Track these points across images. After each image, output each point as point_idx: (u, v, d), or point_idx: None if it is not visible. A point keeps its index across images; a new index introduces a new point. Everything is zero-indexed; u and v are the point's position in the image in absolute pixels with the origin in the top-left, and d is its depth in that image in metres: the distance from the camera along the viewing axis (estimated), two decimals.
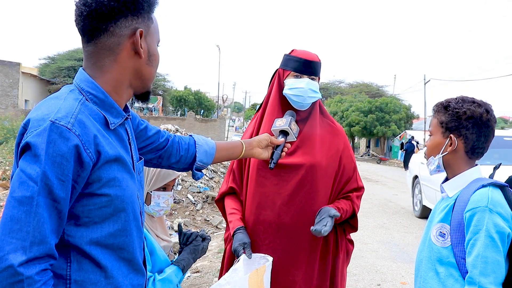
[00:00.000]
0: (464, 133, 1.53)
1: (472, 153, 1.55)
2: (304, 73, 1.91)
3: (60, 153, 0.98)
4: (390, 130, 29.78)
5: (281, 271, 1.87)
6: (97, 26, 1.11)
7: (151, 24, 1.19)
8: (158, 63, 1.25)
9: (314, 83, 1.91)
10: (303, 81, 1.89)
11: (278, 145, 1.71)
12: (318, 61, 1.95)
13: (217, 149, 1.58)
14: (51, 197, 0.98)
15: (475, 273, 1.37)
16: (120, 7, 1.10)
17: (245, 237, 1.87)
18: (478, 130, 1.52)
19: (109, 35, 1.12)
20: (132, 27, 1.14)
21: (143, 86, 1.23)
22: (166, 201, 1.87)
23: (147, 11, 1.17)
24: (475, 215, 1.41)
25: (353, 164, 2.02)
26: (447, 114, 1.56)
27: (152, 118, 31.63)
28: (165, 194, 1.88)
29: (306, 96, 1.88)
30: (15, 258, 0.93)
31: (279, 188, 1.89)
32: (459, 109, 1.53)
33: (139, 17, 1.15)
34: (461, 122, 1.53)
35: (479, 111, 1.52)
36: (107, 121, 1.13)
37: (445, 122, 1.56)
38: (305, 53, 1.94)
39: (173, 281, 1.72)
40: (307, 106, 1.93)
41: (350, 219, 2.00)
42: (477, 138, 1.53)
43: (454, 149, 1.55)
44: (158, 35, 1.24)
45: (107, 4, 1.09)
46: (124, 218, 1.12)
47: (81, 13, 1.11)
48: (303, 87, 1.88)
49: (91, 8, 1.09)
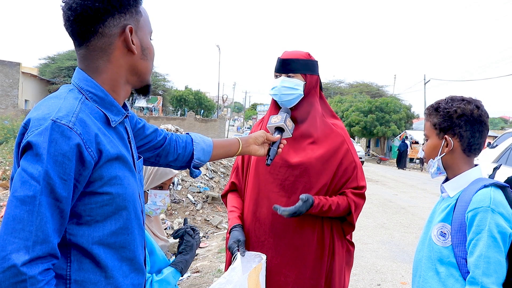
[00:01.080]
0: (458, 132, 1.54)
1: (469, 150, 1.56)
2: (280, 71, 1.93)
3: (62, 152, 0.98)
4: (390, 130, 29.75)
5: (274, 271, 1.87)
6: (85, 29, 1.10)
7: (140, 17, 1.18)
8: (154, 55, 1.24)
9: (291, 80, 1.90)
10: (278, 80, 1.92)
11: (274, 142, 1.72)
12: (299, 58, 1.93)
13: (214, 147, 1.59)
14: (53, 196, 0.98)
15: (478, 273, 1.37)
16: (105, 7, 1.10)
17: (240, 235, 1.88)
18: (471, 126, 1.53)
19: (99, 37, 1.11)
20: (121, 25, 1.13)
21: (141, 81, 1.23)
22: (163, 200, 1.88)
23: (134, 6, 1.16)
24: (477, 215, 1.41)
25: (354, 164, 1.98)
26: (439, 116, 1.57)
27: (152, 118, 31.62)
28: (162, 193, 1.89)
29: (280, 94, 1.90)
30: (18, 258, 0.93)
31: (274, 186, 1.90)
32: (449, 108, 1.54)
33: (126, 14, 1.14)
34: (453, 121, 1.54)
35: (469, 107, 1.52)
36: (108, 119, 1.13)
37: (438, 123, 1.57)
38: (285, 53, 1.96)
39: (171, 282, 1.72)
40: (288, 103, 1.92)
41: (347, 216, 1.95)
42: (472, 134, 1.53)
43: (451, 149, 1.56)
44: (150, 27, 1.23)
45: (91, 6, 1.08)
46: (126, 216, 1.12)
47: (68, 18, 1.10)
48: (277, 85, 1.91)
49: (77, 12, 1.08)
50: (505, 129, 30.74)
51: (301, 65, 1.93)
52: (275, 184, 1.90)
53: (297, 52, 1.96)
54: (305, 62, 1.93)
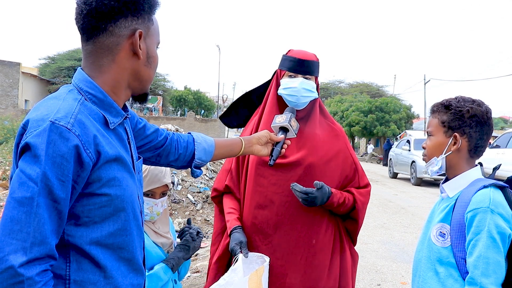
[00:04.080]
0: (468, 132, 1.53)
1: (475, 151, 1.55)
2: (298, 72, 1.90)
3: (60, 153, 0.98)
4: (390, 130, 29.76)
5: (278, 273, 1.84)
6: (96, 25, 1.11)
7: (151, 25, 1.19)
8: (157, 65, 1.25)
9: (309, 82, 1.89)
10: (297, 80, 1.88)
11: (278, 142, 1.70)
12: (314, 60, 1.93)
13: (216, 147, 1.58)
14: (51, 198, 0.98)
15: (477, 274, 1.36)
16: (120, 7, 1.10)
17: (241, 236, 1.85)
18: (481, 128, 1.53)
19: (108, 35, 1.12)
20: (132, 28, 1.14)
21: (141, 88, 1.23)
22: (150, 208, 1.79)
23: (147, 12, 1.17)
24: (476, 215, 1.41)
25: (354, 166, 1.99)
26: (449, 113, 1.55)
27: (152, 118, 31.63)
28: (150, 200, 1.79)
29: (299, 96, 1.87)
30: (15, 259, 0.93)
31: (277, 187, 1.88)
32: (462, 107, 1.53)
33: (139, 18, 1.15)
34: (465, 121, 1.53)
35: (481, 109, 1.53)
36: (107, 120, 1.13)
37: (447, 121, 1.56)
38: (300, 53, 1.93)
39: (162, 278, 1.71)
40: (303, 105, 1.91)
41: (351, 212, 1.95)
42: (480, 136, 1.53)
43: (458, 148, 1.55)
44: (158, 37, 1.24)
45: (107, 4, 1.09)
46: (124, 217, 1.12)
47: (81, 11, 1.11)
48: (296, 86, 1.87)
49: (91, 6, 1.09)
50: (505, 129, 30.74)
51: (316, 67, 1.93)
52: (278, 185, 1.88)
53: (309, 53, 1.95)
54: (317, 64, 1.94)
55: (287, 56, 1.95)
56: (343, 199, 1.86)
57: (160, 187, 1.83)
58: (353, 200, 1.91)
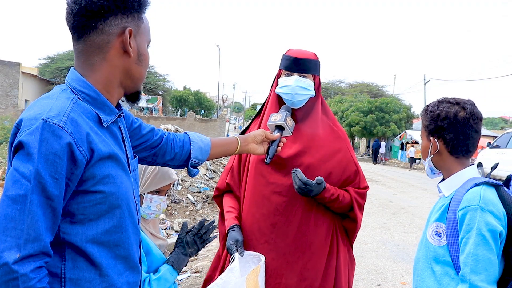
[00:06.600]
0: (441, 134, 1.55)
1: (456, 152, 1.55)
2: (293, 70, 1.90)
3: (53, 151, 0.99)
4: (390, 130, 29.77)
5: (274, 273, 1.83)
6: (86, 24, 1.12)
7: (141, 24, 1.20)
8: (148, 63, 1.26)
9: (304, 80, 1.89)
10: (292, 78, 1.88)
11: (274, 140, 1.70)
12: (312, 59, 1.92)
13: (212, 146, 1.58)
14: (45, 195, 0.98)
15: (466, 271, 1.37)
16: (109, 5, 1.11)
17: (237, 235, 1.85)
18: (454, 129, 1.53)
19: (98, 33, 1.13)
20: (122, 26, 1.15)
21: (133, 86, 1.24)
22: (158, 205, 1.85)
23: (137, 11, 1.18)
24: (467, 213, 1.42)
25: (355, 168, 1.98)
26: (427, 118, 1.59)
27: (152, 118, 31.64)
28: (158, 198, 1.85)
29: (294, 94, 1.87)
30: (9, 256, 0.94)
31: (275, 186, 1.88)
32: (434, 111, 1.56)
33: (128, 16, 1.16)
34: (437, 124, 1.55)
35: (453, 110, 1.53)
36: (100, 118, 1.13)
37: (426, 125, 1.60)
38: (297, 51, 1.93)
39: (169, 279, 1.71)
40: (299, 103, 1.91)
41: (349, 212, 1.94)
42: (455, 137, 1.53)
43: (437, 151, 1.57)
44: (149, 36, 1.25)
45: (96, 2, 1.10)
46: (119, 214, 1.13)
47: (72, 10, 1.12)
48: (291, 84, 1.87)
49: (81, 5, 1.10)
50: (505, 129, 30.75)
51: (312, 65, 1.93)
52: (276, 185, 1.88)
53: (306, 51, 1.95)
54: (315, 63, 1.94)
55: (285, 55, 1.96)
56: (337, 196, 1.86)
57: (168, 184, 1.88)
58: (350, 199, 1.90)
